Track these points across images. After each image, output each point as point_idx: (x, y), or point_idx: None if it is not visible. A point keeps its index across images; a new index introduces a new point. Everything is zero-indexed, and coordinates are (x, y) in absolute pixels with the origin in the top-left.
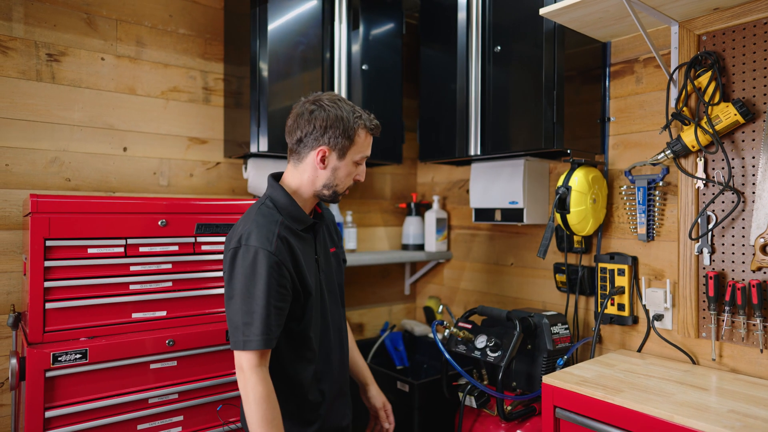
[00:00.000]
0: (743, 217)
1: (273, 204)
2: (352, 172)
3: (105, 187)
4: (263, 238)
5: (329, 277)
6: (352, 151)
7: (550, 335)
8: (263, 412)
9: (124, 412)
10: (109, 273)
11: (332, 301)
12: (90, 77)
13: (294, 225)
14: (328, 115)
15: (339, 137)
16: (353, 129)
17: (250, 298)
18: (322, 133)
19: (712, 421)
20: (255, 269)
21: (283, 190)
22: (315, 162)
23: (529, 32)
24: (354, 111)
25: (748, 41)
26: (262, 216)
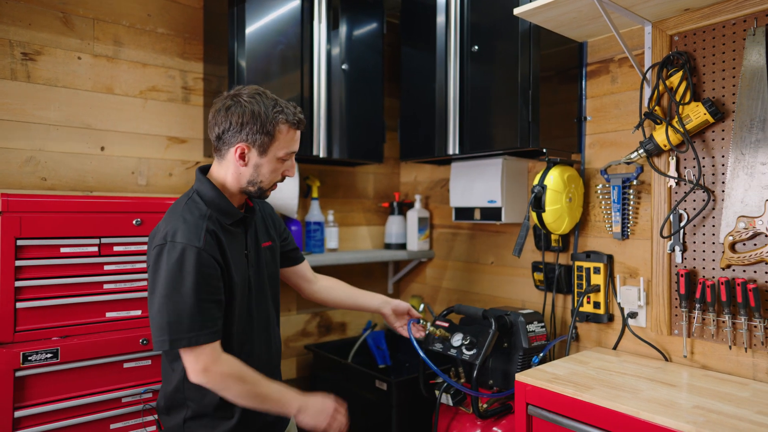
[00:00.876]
0: (713, 215)
1: (200, 198)
2: (278, 168)
3: (82, 186)
4: (190, 233)
5: (259, 273)
6: (274, 147)
7: (526, 333)
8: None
9: (96, 412)
10: (82, 272)
11: (260, 298)
12: (66, 76)
13: (222, 218)
14: (244, 111)
15: (257, 133)
16: (273, 124)
17: (178, 297)
18: (239, 130)
19: (676, 416)
20: (182, 266)
21: (211, 184)
22: (235, 159)
23: (505, 32)
24: (276, 105)
25: (717, 42)
26: (188, 211)
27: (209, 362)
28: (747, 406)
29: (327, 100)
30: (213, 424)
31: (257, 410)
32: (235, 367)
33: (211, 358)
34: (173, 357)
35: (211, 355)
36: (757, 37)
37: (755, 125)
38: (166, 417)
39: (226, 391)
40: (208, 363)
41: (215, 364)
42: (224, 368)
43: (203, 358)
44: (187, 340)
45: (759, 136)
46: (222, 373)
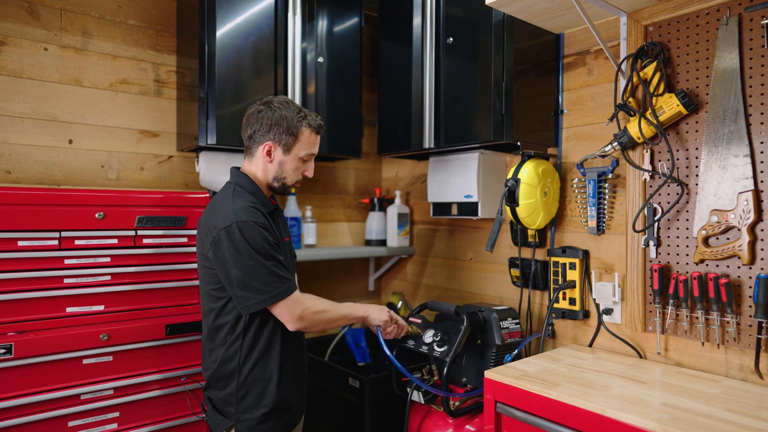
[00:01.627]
0: (687, 209)
1: (242, 189)
2: (299, 167)
3: (49, 180)
4: (251, 213)
5: (289, 262)
6: (297, 147)
7: (499, 330)
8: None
9: (53, 409)
10: (40, 266)
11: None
12: (32, 68)
13: (262, 207)
14: (273, 114)
15: (283, 134)
16: (297, 127)
17: (259, 262)
18: (267, 130)
19: (642, 414)
20: (255, 238)
21: (248, 178)
22: (263, 156)
23: (479, 23)
24: (300, 112)
25: (691, 32)
26: (240, 197)
27: (301, 310)
28: (716, 403)
29: (302, 94)
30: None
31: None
32: (318, 305)
33: (301, 306)
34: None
35: (300, 302)
36: (730, 26)
37: (728, 117)
38: (215, 390)
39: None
40: (300, 311)
41: (305, 310)
42: (312, 309)
43: (297, 307)
44: (283, 293)
45: (732, 128)
46: (313, 314)
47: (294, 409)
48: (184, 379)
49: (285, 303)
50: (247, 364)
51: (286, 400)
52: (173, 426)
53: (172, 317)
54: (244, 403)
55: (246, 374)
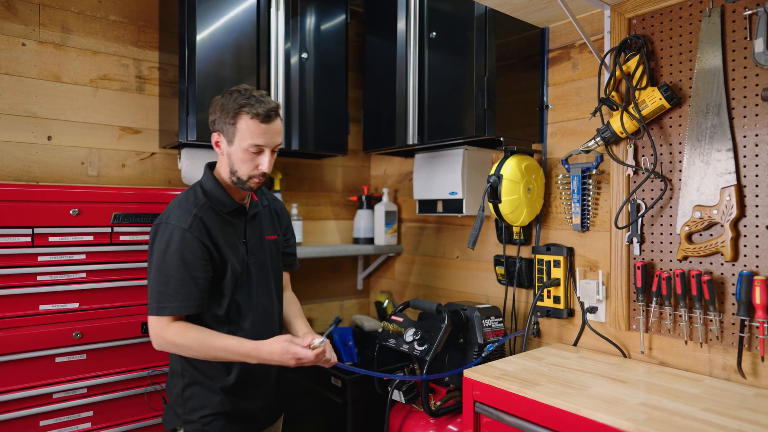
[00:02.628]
0: (671, 205)
1: (201, 188)
2: (248, 159)
3: (27, 176)
4: (180, 217)
5: (262, 262)
6: (238, 138)
7: (482, 328)
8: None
9: (24, 408)
10: (12, 263)
11: (260, 285)
12: (9, 63)
13: (219, 207)
14: (217, 103)
15: (224, 123)
16: (234, 115)
17: (164, 270)
18: (214, 120)
19: (618, 413)
20: (170, 244)
21: (212, 177)
22: (214, 146)
23: (461, 17)
24: (246, 99)
25: (674, 24)
26: (185, 199)
27: (158, 329)
28: (695, 402)
29: (285, 90)
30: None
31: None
32: (177, 337)
33: (160, 326)
34: None
35: (163, 322)
36: (713, 18)
37: (711, 110)
38: (171, 388)
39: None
40: (157, 330)
41: (163, 330)
42: (168, 336)
43: (156, 325)
44: (170, 310)
45: (714, 122)
46: (167, 340)
47: (254, 417)
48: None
49: (152, 320)
50: (191, 364)
51: (239, 407)
52: (148, 425)
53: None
54: (189, 404)
55: (191, 375)
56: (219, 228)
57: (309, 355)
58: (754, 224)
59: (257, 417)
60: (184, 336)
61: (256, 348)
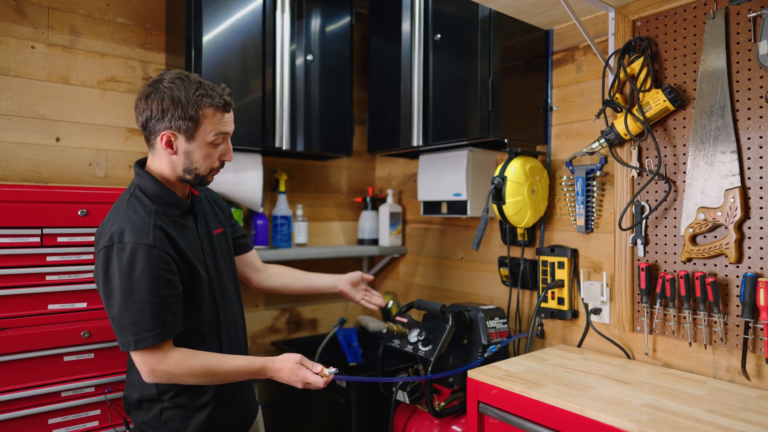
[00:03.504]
0: (675, 206)
1: (143, 192)
2: (211, 153)
3: (36, 177)
4: (138, 231)
5: (216, 260)
6: (202, 132)
7: (486, 329)
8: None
9: (33, 406)
10: (22, 263)
11: (221, 285)
12: (19, 66)
13: (169, 211)
14: (164, 97)
15: (180, 119)
16: (195, 108)
17: (135, 297)
18: (161, 117)
19: (621, 414)
20: (134, 266)
21: (152, 177)
22: (163, 147)
23: (466, 19)
24: (199, 88)
25: (678, 26)
26: (132, 209)
27: (155, 363)
28: (698, 404)
29: (291, 92)
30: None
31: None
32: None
33: (156, 359)
34: None
35: (157, 355)
36: (717, 20)
37: (715, 112)
38: (138, 412)
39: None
40: (153, 364)
41: (162, 363)
42: (170, 368)
43: (150, 359)
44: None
45: (719, 124)
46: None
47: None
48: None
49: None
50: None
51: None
52: None
53: None
54: (167, 427)
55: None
56: (178, 234)
57: (318, 382)
58: (759, 226)
59: (237, 423)
60: (188, 365)
61: (266, 365)
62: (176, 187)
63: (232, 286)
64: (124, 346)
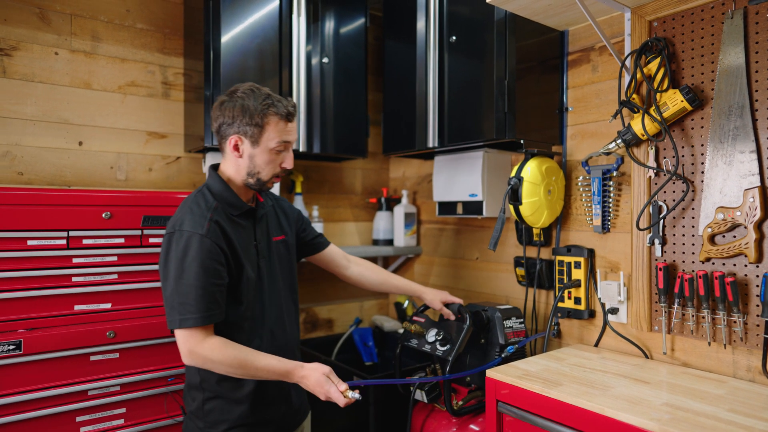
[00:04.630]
0: (693, 206)
1: (209, 191)
2: (273, 159)
3: (60, 181)
4: (195, 223)
5: (271, 264)
6: (265, 138)
7: (503, 329)
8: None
9: (62, 404)
10: (49, 265)
11: (272, 289)
12: (43, 72)
13: (229, 210)
14: (235, 105)
15: (247, 125)
16: (261, 116)
17: (185, 279)
18: (231, 122)
19: (642, 414)
20: (187, 252)
21: (219, 178)
22: (231, 151)
23: (481, 21)
24: (267, 99)
25: (696, 26)
26: (196, 203)
27: (193, 344)
28: (719, 403)
29: (307, 94)
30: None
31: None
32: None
33: (194, 341)
34: None
35: (197, 337)
36: (735, 20)
37: (733, 112)
38: (188, 400)
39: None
40: (191, 345)
41: (198, 346)
42: (205, 352)
43: (190, 340)
44: (193, 321)
45: (737, 123)
46: (204, 356)
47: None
48: (172, 379)
49: (180, 334)
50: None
51: (259, 416)
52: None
53: None
54: (210, 418)
55: (211, 389)
56: (233, 231)
57: (339, 400)
58: None
59: (278, 423)
60: (222, 353)
61: (295, 370)
62: (241, 191)
63: (288, 292)
64: (171, 324)
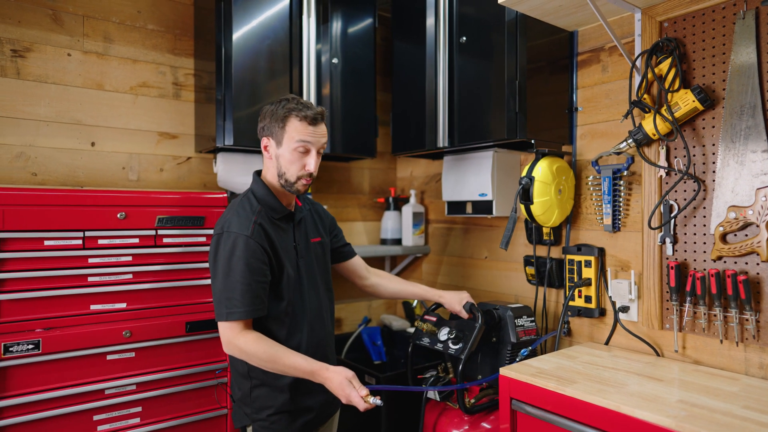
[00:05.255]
0: (704, 205)
1: (254, 195)
2: (296, 159)
3: (72, 181)
4: (242, 225)
5: (309, 264)
6: (287, 138)
7: (514, 327)
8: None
9: (79, 403)
10: (66, 265)
11: (311, 286)
12: (56, 73)
13: (271, 214)
14: (266, 110)
15: (273, 126)
16: (284, 117)
17: (232, 277)
18: (263, 126)
19: (658, 410)
20: (234, 251)
21: (263, 184)
22: (263, 151)
23: (492, 22)
24: (292, 103)
25: (707, 27)
26: (242, 207)
27: (231, 336)
28: (734, 400)
29: (317, 95)
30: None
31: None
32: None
33: (233, 333)
34: None
35: (236, 329)
36: (747, 20)
37: (745, 112)
38: (235, 389)
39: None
40: (230, 336)
41: (236, 338)
42: (240, 344)
43: (229, 332)
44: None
45: (749, 123)
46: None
47: (314, 411)
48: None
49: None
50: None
51: (301, 403)
52: (193, 421)
53: (191, 315)
54: (256, 404)
55: (257, 377)
56: (275, 233)
57: (359, 405)
58: None
59: (316, 411)
60: (256, 346)
61: (320, 370)
62: (281, 196)
63: (324, 289)
64: (219, 316)
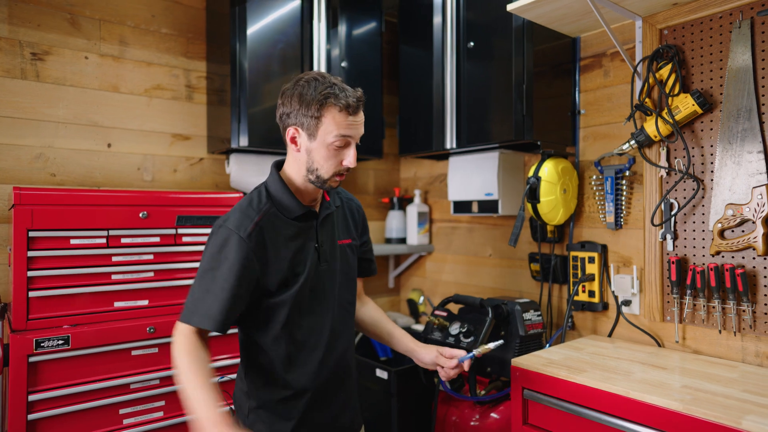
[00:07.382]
0: (703, 203)
1: (266, 191)
2: (331, 155)
3: (90, 182)
4: (240, 223)
5: (332, 268)
6: (322, 131)
7: (522, 321)
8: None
9: (106, 397)
10: (91, 263)
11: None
12: (74, 75)
13: (284, 213)
14: (293, 93)
15: (305, 116)
16: (319, 106)
17: (211, 278)
18: (289, 112)
19: (665, 395)
20: (223, 250)
21: (278, 178)
22: (289, 143)
23: (499, 28)
24: (329, 88)
25: (705, 35)
26: (248, 202)
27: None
28: (734, 385)
29: None
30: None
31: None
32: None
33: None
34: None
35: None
36: (743, 30)
37: (742, 115)
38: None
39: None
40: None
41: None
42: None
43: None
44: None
45: (746, 126)
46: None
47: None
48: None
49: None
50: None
51: None
52: None
53: None
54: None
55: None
56: (283, 236)
57: None
58: None
59: None
60: (178, 357)
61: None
62: (302, 191)
63: (348, 296)
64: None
